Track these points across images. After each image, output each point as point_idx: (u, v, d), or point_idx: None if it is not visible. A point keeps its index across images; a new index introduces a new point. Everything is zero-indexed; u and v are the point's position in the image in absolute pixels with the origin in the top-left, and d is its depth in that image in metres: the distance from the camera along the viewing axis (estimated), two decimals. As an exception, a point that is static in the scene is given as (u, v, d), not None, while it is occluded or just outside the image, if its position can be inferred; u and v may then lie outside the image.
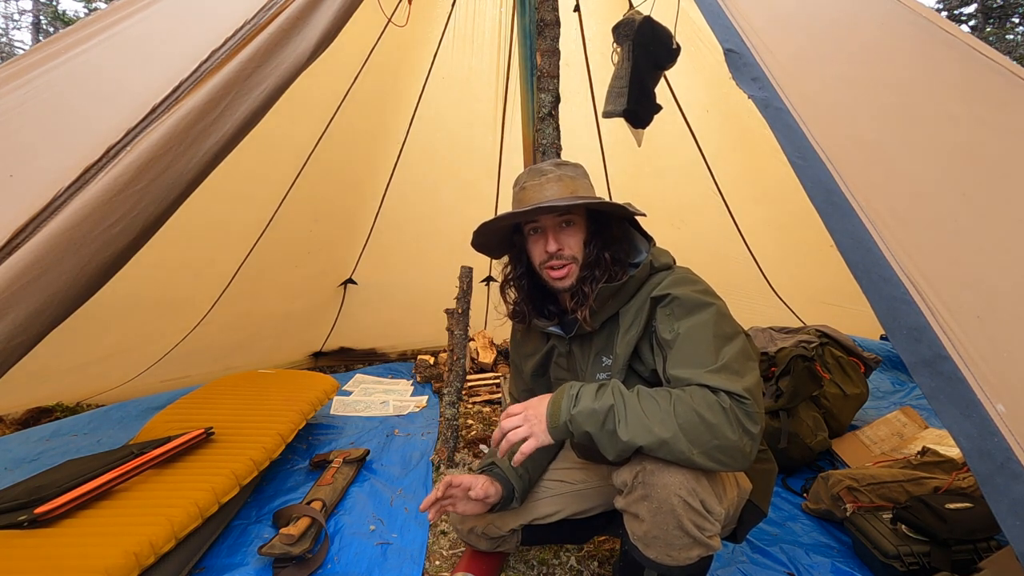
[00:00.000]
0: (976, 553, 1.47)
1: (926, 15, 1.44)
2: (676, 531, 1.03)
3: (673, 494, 1.02)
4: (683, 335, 1.09)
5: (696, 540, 1.04)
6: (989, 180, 1.07)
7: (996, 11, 13.96)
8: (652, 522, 1.05)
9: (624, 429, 1.01)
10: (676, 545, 1.04)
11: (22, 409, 2.59)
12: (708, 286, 1.19)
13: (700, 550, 1.05)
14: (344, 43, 1.50)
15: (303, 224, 3.09)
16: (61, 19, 14.23)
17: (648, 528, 1.06)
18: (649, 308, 1.16)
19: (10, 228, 0.87)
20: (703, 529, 1.04)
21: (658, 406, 1.02)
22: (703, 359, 1.05)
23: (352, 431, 2.56)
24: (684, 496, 1.02)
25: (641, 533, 1.08)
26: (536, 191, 1.22)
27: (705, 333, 1.08)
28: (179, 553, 1.48)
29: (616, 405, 1.03)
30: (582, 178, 1.25)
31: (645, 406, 1.02)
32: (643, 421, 1.01)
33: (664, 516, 1.03)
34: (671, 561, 1.05)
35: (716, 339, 1.07)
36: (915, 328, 0.83)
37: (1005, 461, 0.72)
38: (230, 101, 1.11)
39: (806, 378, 2.22)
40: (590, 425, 1.04)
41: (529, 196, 1.22)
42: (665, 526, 1.04)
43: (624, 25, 2.07)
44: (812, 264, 3.15)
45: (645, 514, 1.06)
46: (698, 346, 1.07)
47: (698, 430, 0.99)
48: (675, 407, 1.01)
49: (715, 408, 0.99)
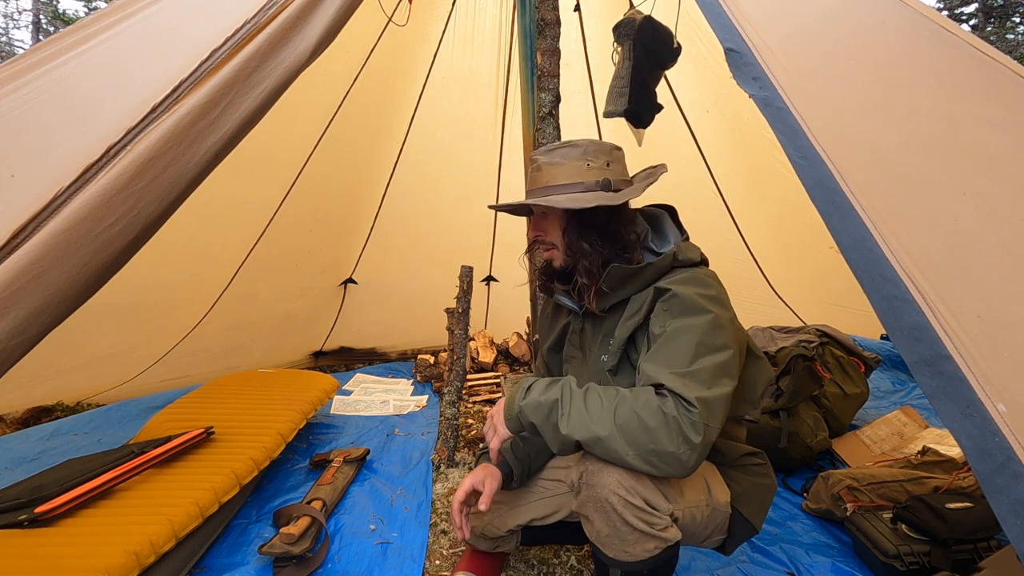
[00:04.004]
0: (976, 553, 1.47)
1: (927, 14, 1.43)
2: (624, 527, 1.04)
3: (612, 492, 1.03)
4: (669, 333, 1.08)
5: (647, 534, 1.04)
6: (990, 179, 1.07)
7: (997, 10, 13.95)
8: (601, 521, 1.06)
9: (564, 423, 1.03)
10: (629, 540, 1.04)
11: (22, 408, 2.59)
12: (719, 294, 1.15)
13: (656, 543, 1.05)
14: (344, 42, 1.50)
15: (303, 224, 3.09)
16: (61, 18, 14.22)
17: (600, 527, 1.07)
18: (652, 299, 1.15)
19: (10, 228, 0.87)
20: (652, 524, 1.04)
21: (601, 404, 1.03)
22: (675, 361, 1.04)
23: (352, 430, 2.56)
24: (623, 494, 1.02)
25: (595, 533, 1.09)
26: (531, 177, 1.27)
27: (690, 337, 1.05)
28: (179, 552, 1.47)
29: (561, 399, 1.06)
30: (570, 161, 1.21)
31: (589, 403, 1.04)
32: (583, 417, 1.02)
33: (607, 514, 1.04)
34: (629, 557, 1.06)
35: (698, 346, 1.04)
36: (916, 327, 0.83)
37: (1006, 461, 0.72)
38: (230, 100, 1.11)
39: (806, 378, 2.21)
40: (536, 416, 1.08)
41: (530, 180, 1.27)
42: (613, 523, 1.04)
43: (625, 24, 2.06)
44: (812, 263, 3.15)
45: (593, 514, 1.07)
46: (678, 348, 1.05)
47: (635, 432, 0.98)
48: (617, 407, 1.01)
49: (656, 413, 0.98)
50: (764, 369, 1.22)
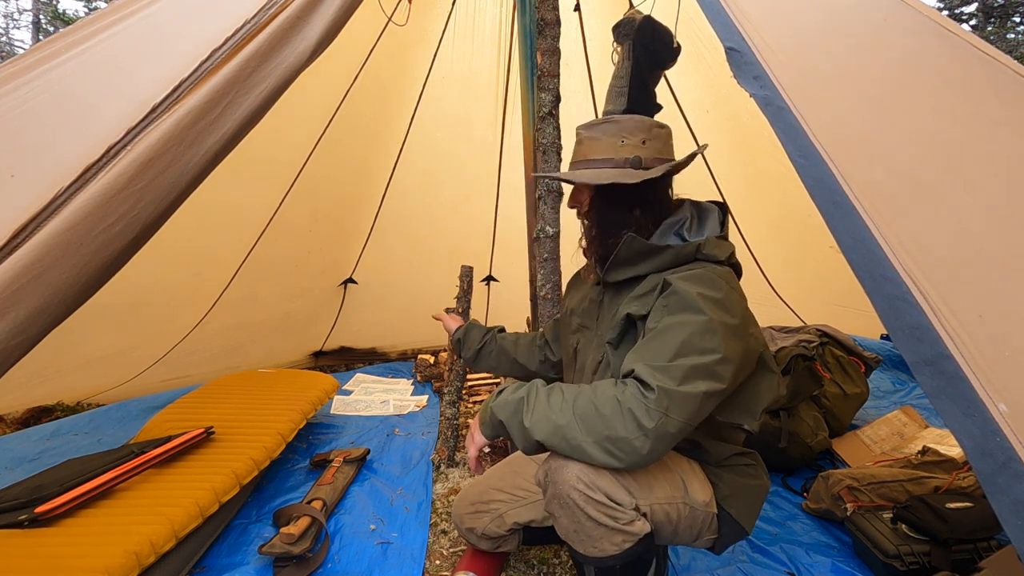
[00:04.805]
0: (976, 553, 1.47)
1: (928, 14, 1.43)
2: (588, 523, 1.04)
3: (572, 488, 1.03)
4: (659, 329, 1.06)
5: (612, 528, 1.03)
6: (991, 178, 1.07)
7: (997, 10, 13.95)
8: (566, 517, 1.06)
9: (528, 418, 1.05)
10: (595, 536, 1.04)
11: (22, 408, 2.59)
12: (726, 298, 1.08)
13: (622, 536, 1.04)
14: (344, 42, 1.50)
15: (303, 224, 3.09)
16: (61, 18, 14.22)
17: (566, 524, 1.07)
18: (660, 290, 1.13)
19: (10, 228, 0.87)
20: (615, 518, 1.03)
21: (562, 398, 1.05)
22: (656, 356, 1.02)
23: (352, 430, 2.56)
24: (583, 489, 1.02)
25: (563, 530, 1.09)
26: (574, 150, 1.31)
27: (677, 336, 1.02)
28: (179, 552, 1.48)
29: (528, 397, 1.08)
30: (606, 137, 1.23)
31: (552, 399, 1.06)
32: (546, 411, 1.04)
33: (570, 510, 1.04)
34: (599, 553, 1.06)
35: (683, 345, 1.01)
36: (917, 327, 0.83)
37: (1007, 461, 0.72)
38: (230, 100, 1.10)
39: (806, 377, 2.21)
40: (504, 414, 1.10)
41: (572, 152, 1.32)
42: (576, 519, 1.04)
43: (624, 24, 2.06)
44: (812, 263, 3.15)
45: (557, 511, 1.07)
46: (662, 344, 1.03)
47: (592, 420, 1.00)
48: (576, 399, 1.03)
49: (612, 401, 0.99)
50: (773, 385, 1.17)
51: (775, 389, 1.17)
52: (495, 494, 1.43)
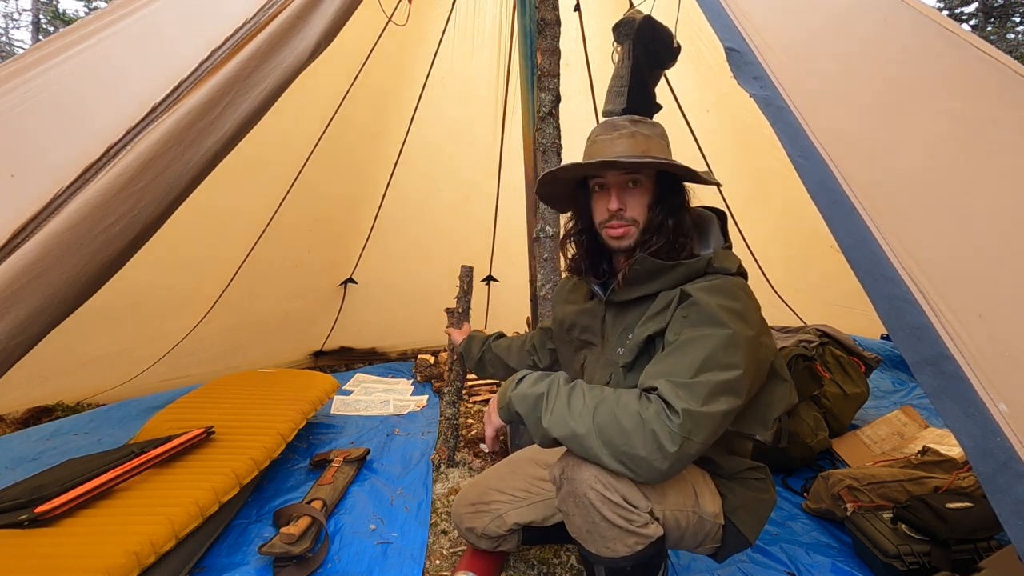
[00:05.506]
0: (976, 553, 1.47)
1: (927, 14, 1.43)
2: (603, 523, 1.02)
3: (589, 488, 1.02)
4: (681, 342, 1.04)
5: (626, 530, 1.02)
6: (992, 178, 1.07)
7: (997, 10, 13.95)
8: (580, 516, 1.05)
9: (547, 417, 1.04)
10: (608, 536, 1.03)
11: (22, 408, 2.59)
12: (745, 308, 1.08)
13: (636, 538, 1.03)
14: (344, 42, 1.50)
15: (303, 223, 3.09)
16: (61, 18, 14.21)
17: (579, 523, 1.06)
18: (677, 302, 1.11)
19: (10, 228, 0.87)
20: (630, 520, 1.02)
21: (583, 402, 1.02)
22: (678, 370, 0.99)
23: (352, 430, 2.56)
24: (600, 489, 1.01)
25: (575, 529, 1.08)
26: (606, 146, 1.18)
27: (700, 350, 1.00)
28: (179, 552, 1.47)
29: (548, 393, 1.06)
30: (658, 138, 1.20)
31: (572, 400, 1.03)
32: (564, 413, 1.02)
33: (586, 510, 1.03)
34: (611, 553, 1.05)
35: (706, 360, 0.99)
36: (917, 327, 0.83)
37: (1008, 460, 0.72)
38: (230, 100, 1.10)
39: (807, 377, 2.22)
40: (522, 407, 1.08)
41: (598, 150, 1.18)
42: (591, 519, 1.03)
43: (624, 24, 2.06)
44: (813, 263, 3.15)
45: (572, 509, 1.06)
46: (684, 358, 1.01)
47: (611, 433, 0.97)
48: (598, 406, 1.00)
49: (634, 416, 0.96)
50: (786, 393, 1.16)
51: (788, 397, 1.15)
52: (495, 494, 1.43)
